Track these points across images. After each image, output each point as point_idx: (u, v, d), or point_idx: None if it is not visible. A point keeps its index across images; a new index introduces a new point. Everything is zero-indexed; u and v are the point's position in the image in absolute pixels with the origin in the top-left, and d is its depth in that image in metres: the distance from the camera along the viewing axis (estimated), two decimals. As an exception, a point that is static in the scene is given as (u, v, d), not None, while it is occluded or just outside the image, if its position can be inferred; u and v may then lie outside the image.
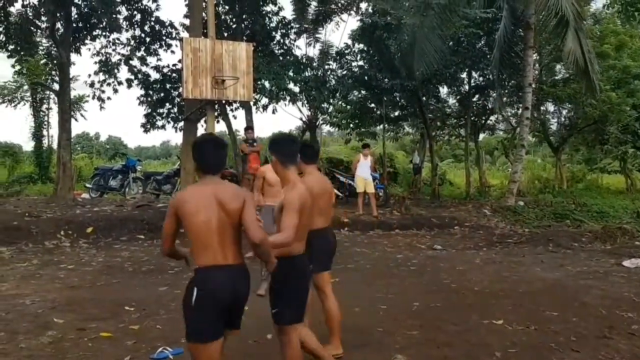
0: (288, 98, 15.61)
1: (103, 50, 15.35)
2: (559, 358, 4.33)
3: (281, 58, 15.79)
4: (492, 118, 21.69)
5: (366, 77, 16.93)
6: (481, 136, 24.48)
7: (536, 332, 5.02)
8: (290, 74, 15.39)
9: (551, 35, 15.58)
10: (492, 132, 24.89)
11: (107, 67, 15.29)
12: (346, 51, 17.56)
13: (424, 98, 18.01)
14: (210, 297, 2.88)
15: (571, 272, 7.74)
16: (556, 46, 15.82)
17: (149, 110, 15.96)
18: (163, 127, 16.20)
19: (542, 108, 21.51)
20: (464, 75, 18.63)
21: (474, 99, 19.35)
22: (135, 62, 15.55)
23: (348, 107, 19.68)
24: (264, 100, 16.01)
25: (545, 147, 28.23)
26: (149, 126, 16.06)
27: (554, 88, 18.88)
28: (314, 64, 17.37)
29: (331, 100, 17.70)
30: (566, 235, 10.97)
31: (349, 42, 17.38)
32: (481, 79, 18.89)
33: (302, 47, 24.39)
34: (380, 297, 6.19)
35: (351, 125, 20.13)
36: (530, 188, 20.62)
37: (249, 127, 13.44)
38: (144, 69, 15.68)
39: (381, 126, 20.25)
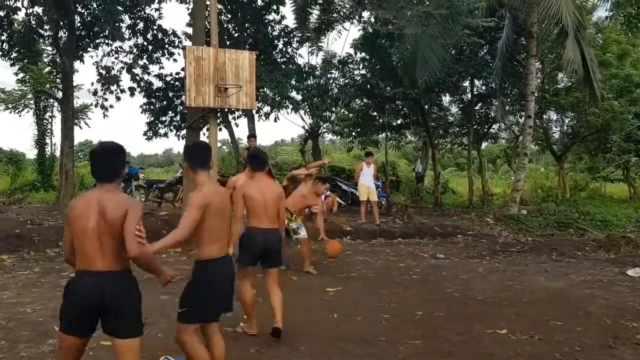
0: (290, 106, 15.64)
1: (103, 62, 15.35)
2: (564, 368, 4.29)
3: (284, 66, 15.83)
4: (495, 126, 21.68)
5: (368, 86, 16.96)
6: (484, 144, 24.49)
7: (540, 341, 4.98)
8: (293, 82, 15.42)
9: (553, 44, 15.60)
10: (495, 141, 24.88)
11: (105, 79, 15.30)
12: (348, 60, 17.61)
13: (426, 106, 18.02)
14: (74, 300, 3.02)
15: (575, 281, 7.70)
16: (558, 55, 15.83)
17: (152, 119, 15.98)
18: (165, 135, 16.23)
19: (544, 116, 21.49)
20: (467, 83, 18.66)
21: (477, 108, 19.36)
22: (137, 71, 15.60)
23: (350, 115, 19.71)
24: (266, 109, 16.04)
25: (547, 155, 28.21)
26: (151, 134, 16.08)
27: (557, 96, 18.88)
28: (317, 73, 17.41)
29: (333, 109, 17.73)
30: (569, 244, 10.93)
31: (351, 51, 17.44)
32: (484, 87, 18.90)
33: (305, 56, 24.51)
34: (383, 306, 6.16)
35: (353, 134, 20.14)
36: (533, 196, 20.56)
37: (252, 135, 13.45)
38: (146, 77, 15.73)
39: (383, 134, 20.24)
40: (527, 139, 14.79)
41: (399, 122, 20.05)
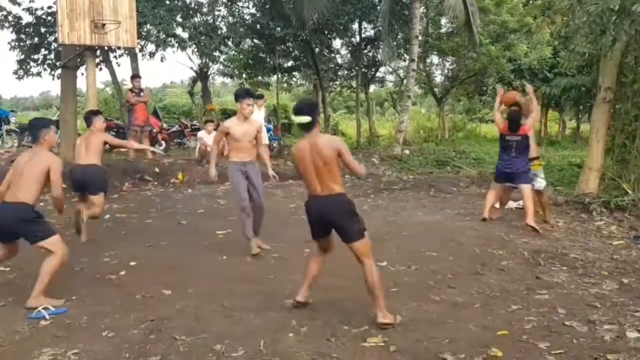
0: (176, 44, 14.93)
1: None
2: (436, 294, 4.64)
3: (168, 2, 14.95)
4: (382, 70, 22.26)
5: (258, 26, 16.58)
6: (372, 88, 25.08)
7: (416, 271, 5.36)
8: (179, 19, 14.66)
9: (437, -11, 16.09)
10: (382, 84, 25.57)
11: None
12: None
13: (316, 49, 18.02)
14: None
15: (449, 215, 8.29)
16: (442, 0, 16.38)
17: (22, 57, 14.61)
18: (39, 74, 14.91)
19: (427, 60, 22.36)
20: (355, 26, 18.82)
21: (365, 51, 19.67)
22: (3, 3, 14.02)
23: (240, 56, 19.28)
24: (151, 47, 15.22)
25: (430, 98, 29.59)
26: (22, 73, 14.74)
27: (439, 41, 19.66)
28: (204, 10, 16.68)
29: (223, 48, 17.20)
30: (446, 180, 11.65)
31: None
32: (372, 30, 19.18)
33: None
34: (273, 246, 6.27)
35: (244, 76, 19.77)
36: (415, 137, 21.58)
37: (136, 75, 12.76)
38: (14, 10, 14.21)
39: (275, 77, 20.07)
40: (410, 82, 15.34)
41: (289, 64, 19.92)
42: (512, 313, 4.24)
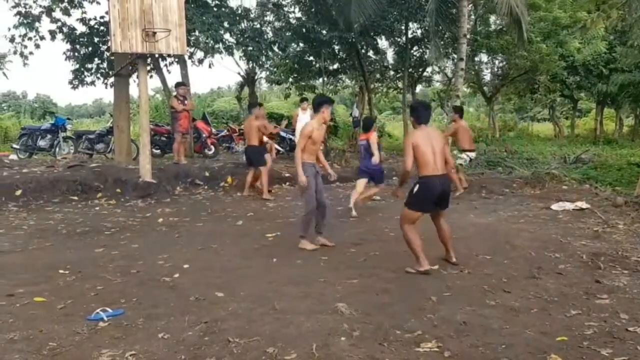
0: (224, 50, 15.18)
1: (22, 1, 14.20)
2: (491, 299, 4.51)
3: (215, 9, 15.24)
4: (429, 70, 21.99)
5: (304, 30, 16.68)
6: (418, 88, 24.82)
7: (470, 275, 5.23)
8: (226, 25, 14.92)
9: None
10: (429, 84, 25.27)
11: (27, 20, 14.15)
12: (284, 2, 17.18)
13: (362, 50, 17.97)
14: None
15: (503, 217, 8.08)
16: (491, -3, 16.01)
17: (77, 66, 15.17)
18: (92, 83, 15.47)
19: (476, 59, 21.95)
20: (402, 26, 18.67)
21: (412, 51, 19.49)
22: (58, 14, 14.56)
23: (287, 61, 19.46)
24: (200, 54, 15.53)
25: (479, 97, 29.03)
26: (77, 82, 15.31)
27: (488, 39, 19.25)
28: (251, 16, 16.91)
29: (269, 53, 17.42)
30: (498, 181, 11.38)
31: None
32: (419, 30, 18.99)
33: (238, -2, 23.56)
34: (321, 248, 6.27)
35: (290, 80, 19.92)
36: (465, 137, 21.16)
37: (181, 83, 13.01)
38: (68, 21, 14.77)
39: (321, 80, 20.13)
40: (459, 82, 15.05)
41: (335, 66, 19.96)
42: (571, 318, 4.08)
